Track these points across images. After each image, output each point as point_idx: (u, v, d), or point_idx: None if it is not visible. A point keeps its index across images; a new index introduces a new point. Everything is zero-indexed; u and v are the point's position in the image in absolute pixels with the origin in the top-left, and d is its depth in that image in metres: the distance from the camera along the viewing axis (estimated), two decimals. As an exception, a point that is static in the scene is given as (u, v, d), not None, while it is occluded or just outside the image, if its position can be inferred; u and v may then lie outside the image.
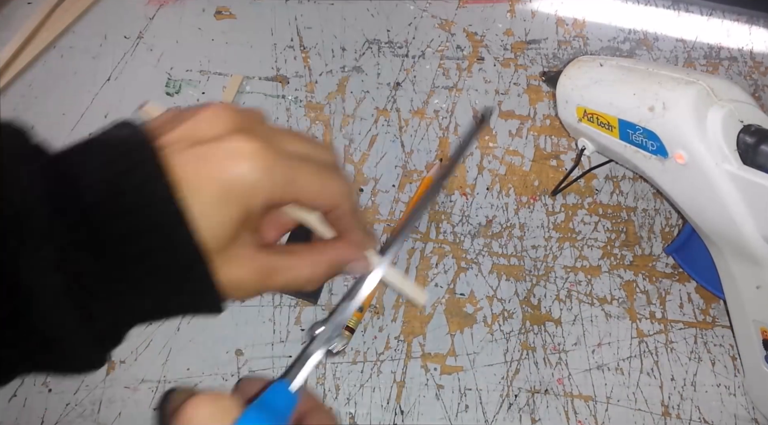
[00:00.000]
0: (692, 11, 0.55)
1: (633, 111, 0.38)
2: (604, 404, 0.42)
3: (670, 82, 0.37)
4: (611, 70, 0.41)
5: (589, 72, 0.42)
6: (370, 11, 0.54)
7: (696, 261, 0.43)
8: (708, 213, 0.37)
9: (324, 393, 0.41)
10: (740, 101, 0.36)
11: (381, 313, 0.44)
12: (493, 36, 0.54)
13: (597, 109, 0.41)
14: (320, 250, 0.29)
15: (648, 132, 0.38)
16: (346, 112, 0.50)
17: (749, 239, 0.35)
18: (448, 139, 0.50)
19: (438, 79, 0.52)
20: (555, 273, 0.46)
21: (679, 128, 0.36)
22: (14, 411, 0.40)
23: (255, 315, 0.43)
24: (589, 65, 0.43)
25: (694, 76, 0.36)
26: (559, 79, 0.44)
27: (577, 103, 0.43)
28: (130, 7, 0.54)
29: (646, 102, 0.37)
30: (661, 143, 0.37)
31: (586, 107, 0.42)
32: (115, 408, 0.40)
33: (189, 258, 0.24)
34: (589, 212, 0.48)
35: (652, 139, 0.38)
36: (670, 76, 0.37)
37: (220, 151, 0.24)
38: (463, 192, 0.48)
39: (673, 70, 0.38)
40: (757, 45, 0.54)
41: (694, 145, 0.35)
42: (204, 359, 0.42)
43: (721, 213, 0.36)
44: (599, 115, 0.41)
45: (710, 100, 0.35)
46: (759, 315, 0.38)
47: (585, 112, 0.42)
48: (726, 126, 0.35)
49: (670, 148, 0.37)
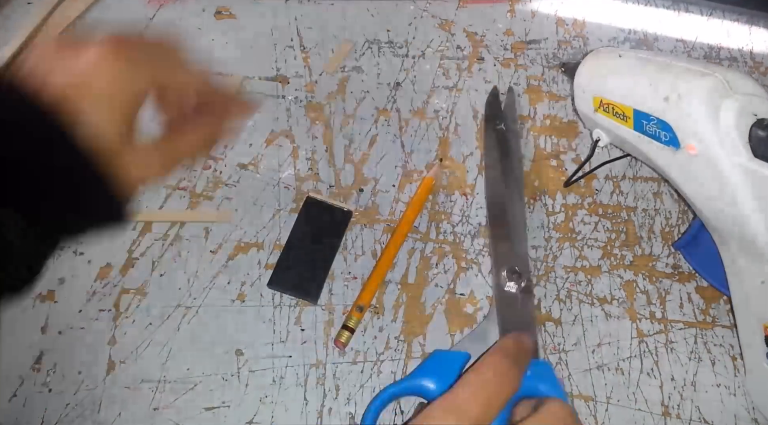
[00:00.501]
0: (692, 11, 0.55)
1: (648, 101, 0.39)
2: (604, 404, 0.42)
3: (686, 73, 0.37)
4: (629, 61, 0.41)
5: (607, 62, 0.43)
6: (370, 11, 0.54)
7: (703, 257, 0.44)
8: (717, 206, 0.37)
9: (324, 393, 0.41)
10: (755, 95, 0.36)
11: (381, 313, 0.44)
12: (493, 36, 0.54)
13: (613, 99, 0.41)
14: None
15: (662, 122, 0.38)
16: (346, 112, 0.50)
17: (756, 233, 0.36)
18: (448, 139, 0.50)
19: (438, 79, 0.52)
20: (555, 273, 0.46)
21: (692, 118, 0.36)
22: (14, 411, 0.40)
23: (255, 315, 0.43)
24: (608, 56, 0.43)
25: (711, 68, 0.37)
26: (577, 69, 0.44)
27: (593, 93, 0.43)
28: (130, 7, 0.54)
29: (661, 92, 0.38)
30: (674, 134, 0.37)
31: (602, 97, 0.42)
32: (115, 408, 0.41)
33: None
34: (589, 212, 0.48)
35: (665, 130, 0.38)
36: (686, 67, 0.38)
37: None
38: (463, 192, 0.48)
39: (690, 61, 0.39)
40: (757, 45, 0.54)
41: (706, 136, 0.36)
42: (204, 359, 0.42)
43: (729, 205, 0.36)
44: (615, 105, 0.41)
45: (725, 93, 0.36)
46: (763, 311, 0.38)
47: (601, 102, 0.43)
48: (739, 118, 0.35)
49: (682, 139, 0.37)
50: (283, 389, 0.42)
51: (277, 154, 0.48)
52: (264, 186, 0.47)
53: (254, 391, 0.41)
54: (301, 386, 0.42)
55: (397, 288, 0.45)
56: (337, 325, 0.43)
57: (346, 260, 0.45)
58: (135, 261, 0.44)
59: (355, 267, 0.45)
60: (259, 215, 0.46)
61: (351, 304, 0.44)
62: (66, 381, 0.41)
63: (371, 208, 0.47)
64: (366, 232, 0.46)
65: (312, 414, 0.41)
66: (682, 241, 0.45)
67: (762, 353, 0.39)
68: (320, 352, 0.43)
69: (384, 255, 0.45)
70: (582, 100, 0.45)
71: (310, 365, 0.42)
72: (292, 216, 0.46)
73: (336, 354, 0.43)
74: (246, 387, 0.41)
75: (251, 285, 0.44)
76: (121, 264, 0.44)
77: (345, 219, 0.46)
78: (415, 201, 0.46)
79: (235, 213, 0.46)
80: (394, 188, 0.48)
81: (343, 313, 0.44)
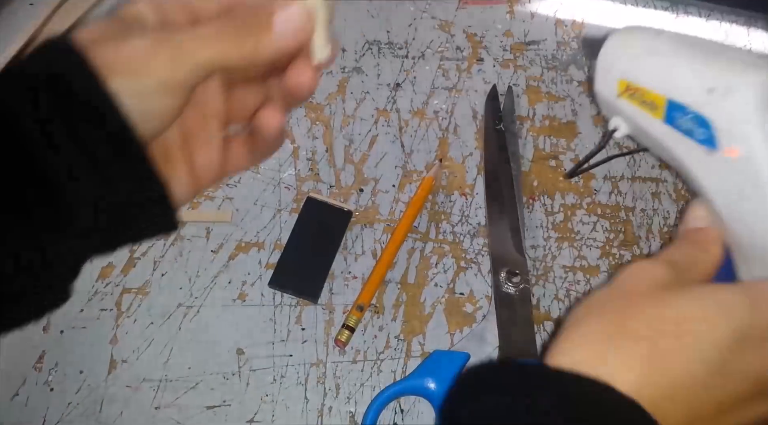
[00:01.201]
0: (690, 13, 0.56)
1: (687, 91, 0.33)
2: (602, 403, 0.42)
3: (738, 63, 0.32)
4: (671, 42, 0.36)
5: (643, 41, 0.37)
6: (370, 12, 0.55)
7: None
8: (750, 218, 0.33)
9: (324, 392, 0.42)
10: None
11: (381, 312, 0.44)
12: (492, 37, 0.54)
13: (643, 85, 0.36)
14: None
15: (699, 117, 0.33)
16: (346, 113, 0.50)
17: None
18: (447, 140, 0.50)
19: (438, 80, 0.52)
20: (554, 272, 0.46)
21: (740, 118, 0.31)
22: (16, 410, 0.40)
23: (256, 315, 0.44)
24: (644, 32, 0.37)
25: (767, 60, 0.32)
26: (604, 44, 0.39)
27: (620, 75, 0.37)
28: (131, 8, 0.54)
29: (705, 82, 0.32)
30: (713, 132, 0.32)
31: (630, 81, 0.37)
32: (116, 407, 0.41)
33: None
34: (588, 212, 0.48)
35: (702, 126, 0.33)
36: (740, 57, 0.33)
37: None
38: (462, 192, 0.48)
39: (741, 51, 0.34)
40: (756, 46, 0.54)
41: (755, 140, 0.31)
42: (205, 358, 0.42)
43: (766, 220, 0.32)
44: (645, 91, 0.36)
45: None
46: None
47: (628, 86, 0.37)
48: None
49: (722, 139, 0.32)
50: (284, 388, 0.42)
51: (278, 155, 0.48)
52: (264, 186, 0.48)
53: (255, 390, 0.42)
54: (302, 385, 0.42)
55: (397, 287, 0.45)
56: (338, 324, 0.43)
57: (346, 260, 0.46)
58: (136, 260, 0.45)
59: (355, 267, 0.45)
60: (260, 215, 0.47)
61: (351, 304, 0.44)
62: (68, 380, 0.41)
63: (371, 208, 0.47)
64: (366, 232, 0.46)
65: (312, 412, 0.41)
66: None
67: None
68: (321, 351, 0.43)
69: (384, 255, 0.45)
70: (604, 81, 0.38)
71: (311, 364, 0.42)
72: (293, 217, 0.46)
73: (336, 354, 0.43)
74: (247, 386, 0.42)
75: (252, 285, 0.44)
76: (122, 264, 0.44)
77: (345, 219, 0.46)
78: (415, 201, 0.47)
79: (236, 213, 0.47)
80: (394, 188, 0.48)
81: (344, 312, 0.44)
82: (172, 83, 0.25)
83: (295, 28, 0.28)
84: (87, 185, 0.24)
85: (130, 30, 0.26)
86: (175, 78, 0.25)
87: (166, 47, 0.25)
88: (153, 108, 0.25)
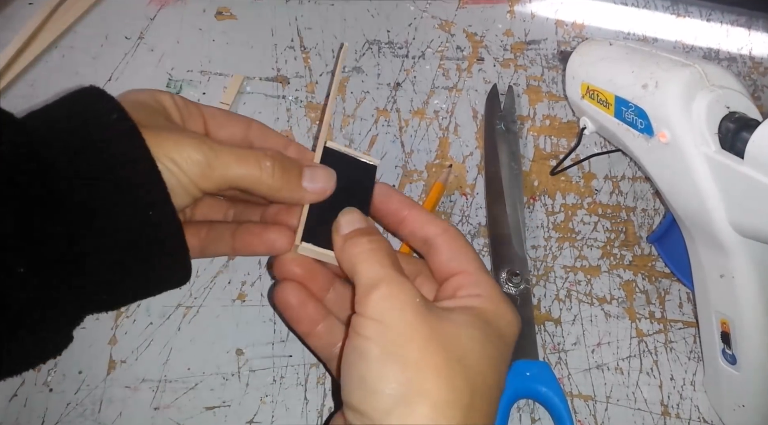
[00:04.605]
0: (691, 12, 0.56)
1: (628, 88, 0.40)
2: (603, 403, 0.42)
3: (667, 62, 0.38)
4: (618, 49, 0.43)
5: (597, 50, 0.44)
6: (370, 12, 0.55)
7: (674, 251, 0.44)
8: (683, 196, 0.38)
9: (324, 392, 0.42)
10: (731, 89, 0.36)
11: (381, 313, 0.44)
12: (492, 37, 0.54)
13: (598, 86, 0.43)
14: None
15: (639, 109, 0.39)
16: (346, 113, 0.50)
17: (718, 224, 0.36)
18: (447, 139, 0.50)
19: (438, 80, 0.52)
20: (554, 272, 0.46)
21: (666, 107, 0.37)
22: (15, 411, 0.40)
23: (255, 315, 0.44)
24: (599, 44, 0.45)
25: (692, 60, 0.37)
26: (571, 55, 0.46)
27: (582, 79, 0.44)
28: (131, 8, 0.54)
29: (641, 80, 0.38)
30: (649, 121, 0.38)
31: (589, 84, 0.44)
32: (115, 408, 0.41)
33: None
34: (589, 212, 0.48)
35: (641, 117, 0.39)
36: (669, 57, 0.39)
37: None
38: (462, 192, 0.48)
39: (674, 53, 0.39)
40: (756, 46, 0.54)
41: (677, 125, 0.36)
42: (204, 359, 0.42)
43: (695, 196, 0.37)
44: (599, 91, 0.42)
45: (701, 84, 0.36)
46: (720, 305, 0.38)
47: (588, 88, 0.44)
48: (711, 110, 0.36)
49: (656, 126, 0.38)
50: (284, 388, 0.42)
51: (278, 154, 0.48)
52: (264, 186, 0.47)
53: (255, 391, 0.41)
54: (302, 385, 0.42)
55: (397, 287, 0.45)
56: (338, 325, 0.43)
57: (346, 260, 0.45)
58: (136, 260, 0.45)
59: (356, 267, 0.45)
60: (260, 215, 0.46)
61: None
62: (67, 380, 0.41)
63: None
64: (366, 232, 0.46)
65: (312, 413, 0.41)
66: (655, 234, 0.45)
67: (718, 350, 0.39)
68: (320, 352, 0.43)
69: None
70: (571, 86, 0.46)
71: (311, 364, 0.42)
72: (293, 216, 0.46)
73: (336, 354, 0.43)
74: (246, 387, 0.42)
75: (251, 285, 0.44)
76: (121, 264, 0.44)
77: (370, 174, 0.38)
78: (426, 206, 0.46)
79: (236, 213, 0.46)
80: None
81: (344, 313, 0.44)
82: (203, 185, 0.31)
83: (323, 189, 0.35)
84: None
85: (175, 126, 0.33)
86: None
87: (207, 151, 0.30)
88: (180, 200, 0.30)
